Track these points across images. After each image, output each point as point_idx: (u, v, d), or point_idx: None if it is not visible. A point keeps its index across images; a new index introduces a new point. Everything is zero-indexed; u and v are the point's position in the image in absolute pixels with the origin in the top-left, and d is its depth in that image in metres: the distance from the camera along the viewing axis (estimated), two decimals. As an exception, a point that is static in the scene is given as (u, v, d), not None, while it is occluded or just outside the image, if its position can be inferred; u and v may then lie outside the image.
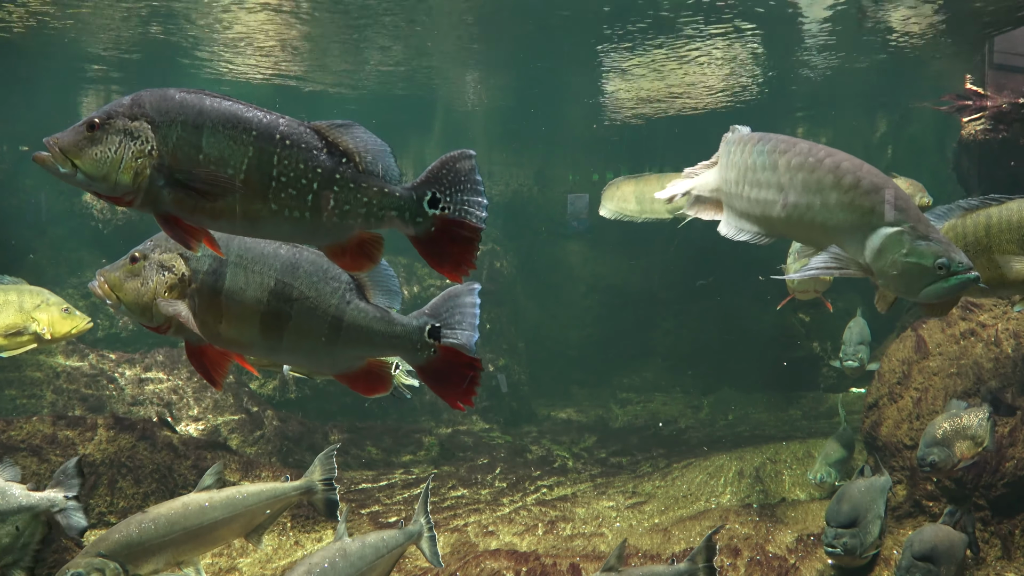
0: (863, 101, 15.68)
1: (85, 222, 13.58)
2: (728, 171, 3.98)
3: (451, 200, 2.72)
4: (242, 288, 3.02)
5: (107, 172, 2.54)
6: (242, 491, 4.96)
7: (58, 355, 10.26)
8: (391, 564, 4.73)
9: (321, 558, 4.29)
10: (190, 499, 4.78)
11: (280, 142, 2.60)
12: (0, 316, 5.70)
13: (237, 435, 9.88)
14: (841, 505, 5.75)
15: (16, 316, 5.71)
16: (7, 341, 5.78)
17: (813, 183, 3.55)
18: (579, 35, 11.36)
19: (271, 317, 3.02)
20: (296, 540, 7.03)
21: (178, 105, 2.59)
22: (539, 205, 18.09)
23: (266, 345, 3.08)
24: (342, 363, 3.14)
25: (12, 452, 6.76)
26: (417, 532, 4.86)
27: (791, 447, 9.92)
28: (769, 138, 3.81)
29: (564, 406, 14.99)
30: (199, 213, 2.61)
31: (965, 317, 7.24)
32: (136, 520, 4.60)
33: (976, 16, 10.03)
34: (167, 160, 2.56)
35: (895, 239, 3.43)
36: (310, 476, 5.21)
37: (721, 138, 4.19)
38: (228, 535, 4.96)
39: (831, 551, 5.63)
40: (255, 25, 10.59)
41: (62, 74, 13.19)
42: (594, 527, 7.82)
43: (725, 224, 4.09)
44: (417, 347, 3.06)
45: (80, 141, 2.55)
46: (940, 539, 5.26)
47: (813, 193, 3.56)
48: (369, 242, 2.75)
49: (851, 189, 3.51)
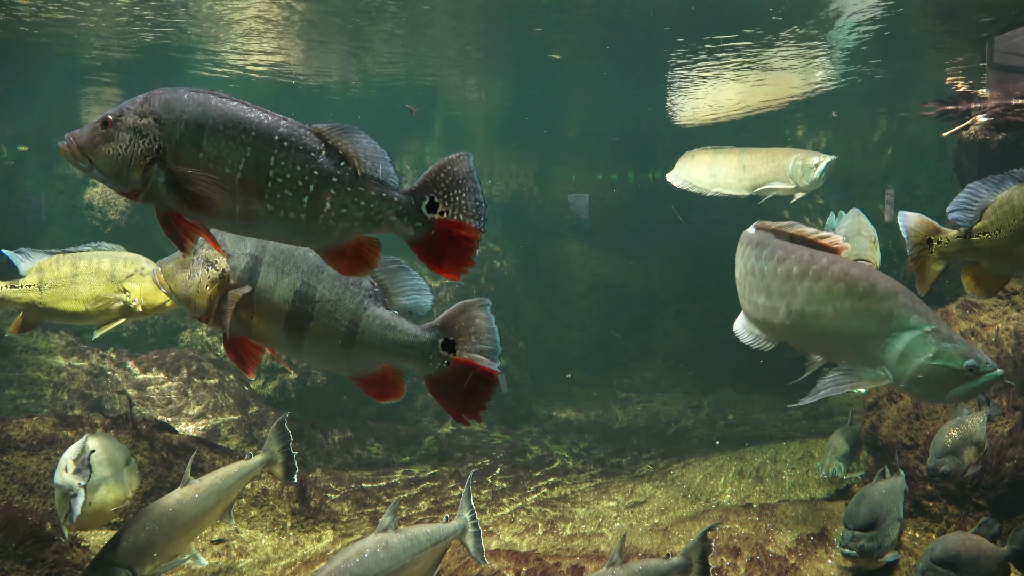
0: (862, 101, 15.68)
1: (85, 221, 13.57)
2: (736, 271, 3.93)
3: (450, 204, 2.74)
4: (272, 287, 3.18)
5: (119, 169, 2.62)
6: (219, 475, 5.17)
7: (58, 355, 10.26)
8: (436, 559, 4.61)
9: (362, 548, 4.21)
10: (182, 494, 4.95)
11: (278, 143, 2.63)
12: (89, 286, 5.17)
13: (237, 435, 9.88)
14: (860, 507, 5.69)
15: (106, 286, 5.18)
16: (95, 312, 5.22)
17: (821, 291, 3.47)
18: (581, 34, 11.37)
19: (295, 317, 3.16)
20: (296, 540, 7.03)
21: (184, 103, 2.64)
22: (539, 205, 18.09)
23: (289, 343, 3.22)
24: (357, 366, 3.23)
25: (12, 452, 6.76)
26: (462, 527, 4.81)
27: (791, 447, 9.92)
28: (767, 243, 3.73)
29: (564, 406, 14.99)
30: (197, 211, 2.66)
31: (965, 317, 7.23)
32: (140, 523, 4.68)
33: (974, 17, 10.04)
34: (170, 158, 2.62)
35: (920, 343, 3.36)
36: (269, 448, 5.42)
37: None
38: (213, 519, 5.19)
39: (847, 553, 5.60)
40: (256, 24, 10.59)
41: (62, 74, 13.18)
42: (594, 527, 7.82)
43: (738, 322, 4.07)
44: (429, 359, 3.12)
45: (95, 138, 2.63)
46: (967, 548, 5.02)
47: (822, 302, 3.47)
48: (366, 246, 2.78)
49: (866, 296, 3.42)
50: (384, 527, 4.40)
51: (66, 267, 5.17)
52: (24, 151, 14.93)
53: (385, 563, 4.19)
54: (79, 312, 5.20)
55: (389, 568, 4.21)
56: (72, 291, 5.15)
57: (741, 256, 3.91)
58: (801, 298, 3.50)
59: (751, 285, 3.74)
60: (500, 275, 15.04)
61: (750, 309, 3.84)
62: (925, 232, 4.18)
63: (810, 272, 3.49)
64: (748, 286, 3.78)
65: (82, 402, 9.87)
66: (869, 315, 3.42)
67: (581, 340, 16.65)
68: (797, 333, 3.62)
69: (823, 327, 3.50)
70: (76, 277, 5.16)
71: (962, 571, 4.93)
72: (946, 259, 4.15)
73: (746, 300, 3.87)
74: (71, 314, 5.21)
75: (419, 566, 4.44)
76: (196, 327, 11.97)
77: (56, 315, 5.21)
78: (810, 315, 3.50)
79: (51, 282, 5.13)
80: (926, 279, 4.21)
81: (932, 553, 5.01)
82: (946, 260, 4.15)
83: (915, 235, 4.18)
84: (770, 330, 3.78)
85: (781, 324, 3.60)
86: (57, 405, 9.70)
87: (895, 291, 3.44)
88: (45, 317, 5.22)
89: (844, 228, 6.35)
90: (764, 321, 3.71)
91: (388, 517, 4.44)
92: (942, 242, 4.12)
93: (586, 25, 10.76)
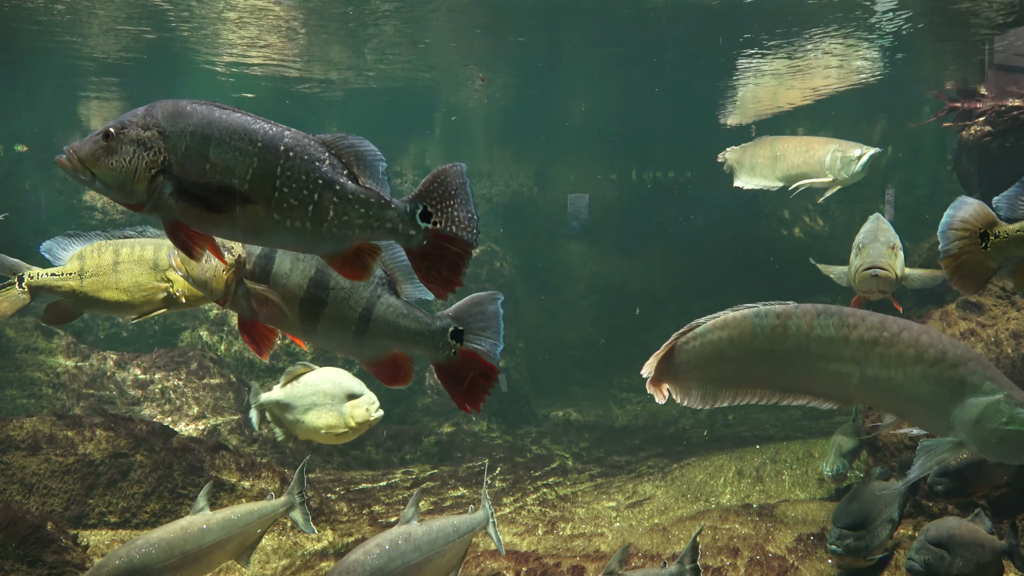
0: (863, 100, 15.69)
1: (85, 221, 13.57)
2: (771, 344, 3.71)
3: (442, 214, 2.80)
4: (287, 273, 3.26)
5: (122, 181, 2.66)
6: (236, 512, 4.93)
7: (58, 355, 10.26)
8: (460, 552, 4.52)
9: (383, 540, 4.13)
10: (188, 522, 4.71)
11: (284, 154, 2.69)
12: (131, 274, 4.83)
13: (236, 435, 9.88)
14: (849, 506, 5.72)
15: (149, 275, 4.84)
16: (137, 301, 4.86)
17: (892, 357, 3.47)
18: (578, 36, 11.38)
19: (309, 303, 3.24)
20: (295, 540, 7.02)
21: (188, 116, 2.68)
22: (539, 205, 18.09)
23: (304, 328, 3.31)
24: (369, 352, 3.32)
25: (12, 452, 6.77)
26: (485, 519, 4.78)
27: (791, 447, 9.92)
28: (832, 311, 3.68)
29: (564, 406, 14.98)
30: (204, 221, 2.71)
31: (965, 317, 7.23)
32: (137, 545, 4.49)
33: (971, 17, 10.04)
34: (176, 170, 2.66)
35: (993, 410, 3.37)
36: (291, 492, 5.25)
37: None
38: (223, 557, 4.89)
39: (834, 550, 5.63)
40: (257, 22, 10.58)
41: (61, 74, 13.18)
42: (594, 527, 7.82)
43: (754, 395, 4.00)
44: (439, 346, 3.23)
45: (96, 151, 2.66)
46: (963, 532, 5.07)
47: (894, 368, 3.48)
48: (366, 252, 2.85)
49: (936, 363, 3.43)
50: (407, 519, 4.33)
51: (108, 255, 4.86)
52: (23, 151, 14.92)
53: (408, 555, 4.12)
54: (120, 302, 4.89)
55: (412, 560, 4.14)
56: (113, 280, 4.86)
57: (799, 326, 3.83)
58: (875, 363, 3.51)
59: (818, 353, 3.72)
60: (500, 275, 15.04)
61: (817, 376, 3.78)
62: (981, 224, 3.87)
63: (882, 338, 3.50)
64: (814, 354, 3.74)
65: (82, 402, 9.87)
66: (940, 382, 3.44)
67: (581, 340, 16.64)
68: (870, 395, 3.63)
69: (894, 390, 3.52)
70: (118, 265, 4.85)
71: (955, 553, 4.96)
72: (1001, 255, 3.87)
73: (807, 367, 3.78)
74: (112, 303, 4.89)
75: (446, 558, 4.36)
76: (196, 327, 11.97)
77: (96, 304, 4.90)
78: (883, 379, 3.51)
79: (92, 270, 4.83)
80: (980, 278, 3.96)
81: (927, 534, 5.03)
82: (1001, 257, 3.88)
83: (968, 227, 3.89)
84: (840, 396, 3.78)
85: (855, 388, 3.61)
86: (57, 405, 9.70)
87: (966, 358, 3.45)
88: (84, 307, 4.90)
89: (862, 234, 6.08)
90: (834, 387, 3.72)
91: (411, 509, 4.38)
92: (999, 236, 3.82)
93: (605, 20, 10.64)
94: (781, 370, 3.74)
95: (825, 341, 3.60)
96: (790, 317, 3.69)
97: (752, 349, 3.66)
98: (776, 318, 3.68)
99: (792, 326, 3.69)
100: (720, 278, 15.69)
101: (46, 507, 6.62)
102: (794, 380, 3.74)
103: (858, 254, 5.88)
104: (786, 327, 3.69)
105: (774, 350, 3.66)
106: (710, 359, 3.67)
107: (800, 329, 3.69)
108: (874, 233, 5.94)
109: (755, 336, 3.66)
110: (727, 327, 3.63)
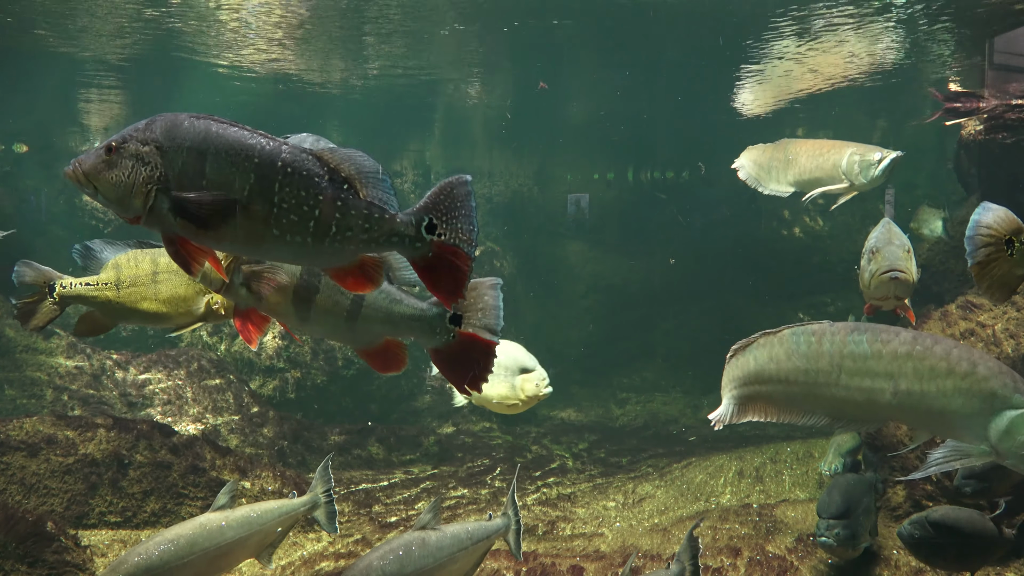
0: (863, 100, 15.69)
1: (85, 221, 13.58)
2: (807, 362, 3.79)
3: (447, 227, 2.81)
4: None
5: (121, 196, 2.69)
6: (256, 509, 4.84)
7: (59, 355, 10.26)
8: (477, 559, 4.47)
9: (397, 544, 4.09)
10: (207, 519, 4.62)
11: (282, 169, 2.68)
12: (170, 285, 4.64)
13: (237, 435, 9.88)
14: (832, 496, 5.76)
15: (188, 286, 4.64)
16: (174, 314, 4.67)
17: (925, 371, 3.53)
18: (579, 34, 11.38)
19: (302, 290, 3.30)
20: (295, 540, 7.02)
21: (185, 131, 2.69)
22: (539, 205, 18.09)
23: (298, 315, 3.36)
24: (362, 338, 3.36)
25: (12, 452, 6.77)
26: (506, 525, 4.71)
27: (791, 447, 9.92)
28: (865, 327, 3.73)
29: (564, 406, 14.99)
30: (203, 236, 2.72)
31: (965, 317, 7.23)
32: (155, 542, 4.41)
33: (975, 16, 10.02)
34: (173, 184, 2.67)
35: (1022, 422, 3.43)
36: (314, 491, 5.12)
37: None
38: (243, 555, 4.81)
39: (824, 541, 5.63)
40: (256, 21, 10.59)
41: (61, 74, 13.18)
42: (594, 527, 7.82)
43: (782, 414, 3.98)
44: (436, 331, 3.26)
45: (98, 165, 2.70)
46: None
47: (927, 381, 3.54)
48: (370, 265, 2.86)
49: (968, 376, 3.49)
50: (423, 524, 4.29)
51: (146, 264, 4.68)
52: (23, 151, 14.92)
53: (421, 560, 4.10)
54: (159, 313, 4.70)
55: (425, 566, 4.10)
56: (152, 291, 4.67)
57: (829, 343, 3.82)
58: (908, 377, 3.57)
59: (851, 369, 3.73)
60: (500, 275, 14.97)
61: (846, 395, 3.78)
62: (1007, 230, 3.81)
63: (914, 352, 3.55)
64: (846, 371, 3.75)
65: (82, 402, 9.87)
66: (971, 395, 3.50)
67: (581, 340, 16.65)
68: (903, 411, 3.67)
69: (927, 404, 3.57)
70: (156, 275, 4.67)
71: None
72: None
73: (839, 386, 3.76)
74: (150, 315, 4.71)
75: (459, 564, 4.32)
76: (196, 327, 11.96)
77: (133, 316, 4.71)
78: (916, 394, 3.57)
79: (129, 280, 4.65)
80: (1007, 285, 3.93)
81: (932, 513, 5.03)
82: None
83: (994, 233, 3.82)
84: (872, 412, 3.79)
85: (887, 403, 3.65)
86: (57, 405, 9.70)
87: (997, 371, 3.51)
88: (120, 318, 4.71)
89: (874, 238, 5.95)
90: (867, 403, 3.72)
91: (428, 514, 4.32)
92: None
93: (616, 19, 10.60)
94: (815, 389, 3.78)
95: (859, 357, 3.67)
96: (824, 335, 3.74)
97: (788, 368, 3.75)
98: (812, 335, 3.75)
99: (827, 343, 3.75)
100: (720, 278, 15.69)
101: (46, 507, 6.62)
102: (826, 399, 3.76)
103: (872, 259, 5.77)
104: (821, 344, 3.75)
105: (808, 368, 3.73)
106: (748, 377, 3.87)
107: (834, 346, 3.75)
108: (887, 237, 5.83)
109: (792, 355, 3.76)
110: (765, 346, 3.80)
